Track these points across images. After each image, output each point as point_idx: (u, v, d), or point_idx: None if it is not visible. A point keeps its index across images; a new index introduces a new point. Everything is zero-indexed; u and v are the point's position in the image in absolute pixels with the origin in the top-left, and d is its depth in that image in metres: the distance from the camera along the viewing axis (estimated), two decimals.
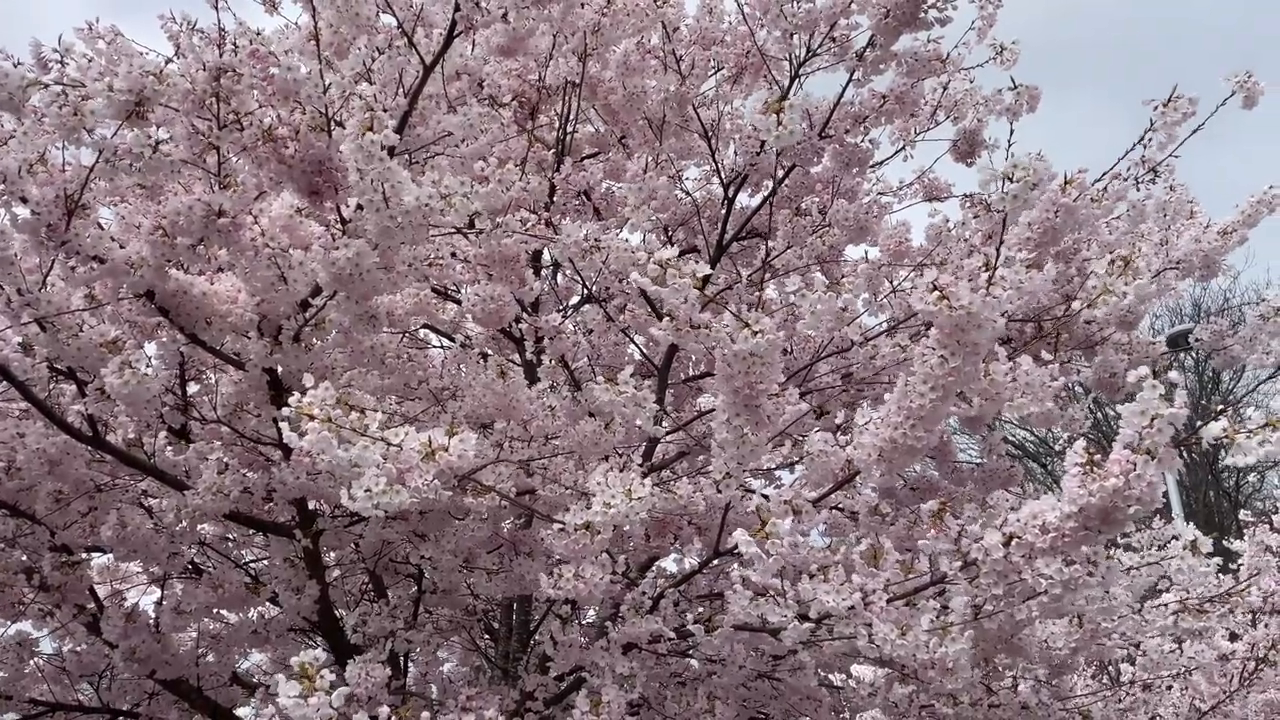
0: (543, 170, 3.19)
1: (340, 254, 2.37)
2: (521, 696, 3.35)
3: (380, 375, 2.96)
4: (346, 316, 2.49)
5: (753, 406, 2.52)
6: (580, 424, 2.99)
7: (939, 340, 2.36)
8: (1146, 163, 3.13)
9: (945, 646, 2.49)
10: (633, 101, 3.10)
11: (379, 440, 2.20)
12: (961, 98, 3.63)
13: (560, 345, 3.07)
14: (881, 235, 3.80)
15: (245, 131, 2.45)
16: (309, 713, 1.99)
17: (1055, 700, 3.63)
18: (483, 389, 2.79)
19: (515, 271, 2.85)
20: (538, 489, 2.99)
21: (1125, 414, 2.12)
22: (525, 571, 3.23)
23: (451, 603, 3.79)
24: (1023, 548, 2.31)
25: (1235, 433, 2.07)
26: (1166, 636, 3.48)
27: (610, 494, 2.42)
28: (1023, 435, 16.47)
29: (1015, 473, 3.76)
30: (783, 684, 3.44)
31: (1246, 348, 3.43)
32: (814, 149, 3.32)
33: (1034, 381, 2.61)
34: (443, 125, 2.52)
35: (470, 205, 2.30)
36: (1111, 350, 3.48)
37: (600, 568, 2.68)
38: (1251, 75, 3.15)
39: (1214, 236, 3.38)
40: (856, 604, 2.56)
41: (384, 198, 2.29)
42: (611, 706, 2.81)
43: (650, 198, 2.95)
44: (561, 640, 3.02)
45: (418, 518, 3.14)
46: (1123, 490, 2.10)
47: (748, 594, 2.65)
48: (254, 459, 3.13)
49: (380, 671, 2.90)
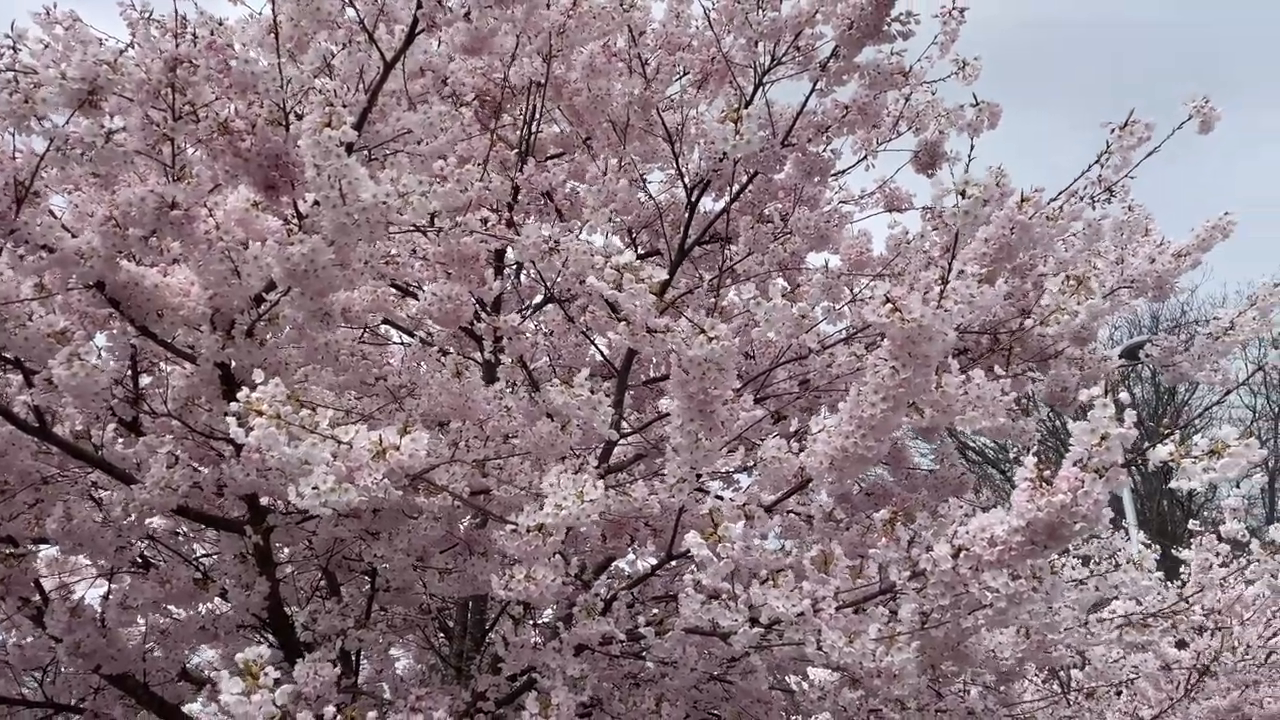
0: (505, 170, 3.18)
1: (295, 250, 2.35)
2: (473, 697, 3.34)
3: (334, 372, 2.94)
4: (300, 312, 2.48)
5: (707, 412, 2.54)
6: (537, 425, 2.99)
7: (891, 351, 2.39)
8: (1103, 182, 3.18)
9: (891, 655, 2.52)
10: (597, 103, 3.10)
11: (328, 438, 2.19)
12: (923, 109, 3.67)
13: (519, 345, 3.07)
14: (843, 244, 3.84)
15: (201, 123, 2.42)
16: (251, 710, 1.98)
17: (1001, 706, 3.69)
18: (438, 388, 2.78)
19: (475, 271, 2.85)
20: (493, 489, 2.98)
21: (1075, 432, 2.16)
22: (479, 571, 3.23)
23: (405, 601, 3.77)
24: (971, 560, 2.35)
25: (1181, 456, 2.11)
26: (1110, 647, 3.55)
27: (562, 496, 2.42)
28: (982, 442, 16.67)
29: (967, 480, 3.81)
30: (734, 687, 3.47)
31: (1195, 365, 3.50)
32: (776, 157, 3.34)
33: (986, 395, 2.64)
34: (403, 123, 2.51)
35: (429, 204, 2.29)
36: (1065, 364, 3.54)
37: (552, 569, 2.68)
38: (1208, 101, 3.21)
39: (1168, 259, 3.44)
40: (806, 610, 2.58)
41: (341, 194, 2.27)
42: (561, 708, 2.81)
43: (610, 200, 2.96)
44: (513, 641, 3.02)
45: (371, 516, 3.11)
46: (1070, 507, 2.13)
47: (700, 597, 2.67)
48: (205, 454, 3.10)
49: (329, 670, 2.88)
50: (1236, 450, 2.09)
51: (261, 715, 1.98)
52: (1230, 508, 7.40)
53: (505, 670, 3.18)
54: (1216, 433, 2.19)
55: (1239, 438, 2.13)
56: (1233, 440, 2.11)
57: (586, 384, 2.54)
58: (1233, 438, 2.12)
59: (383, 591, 3.66)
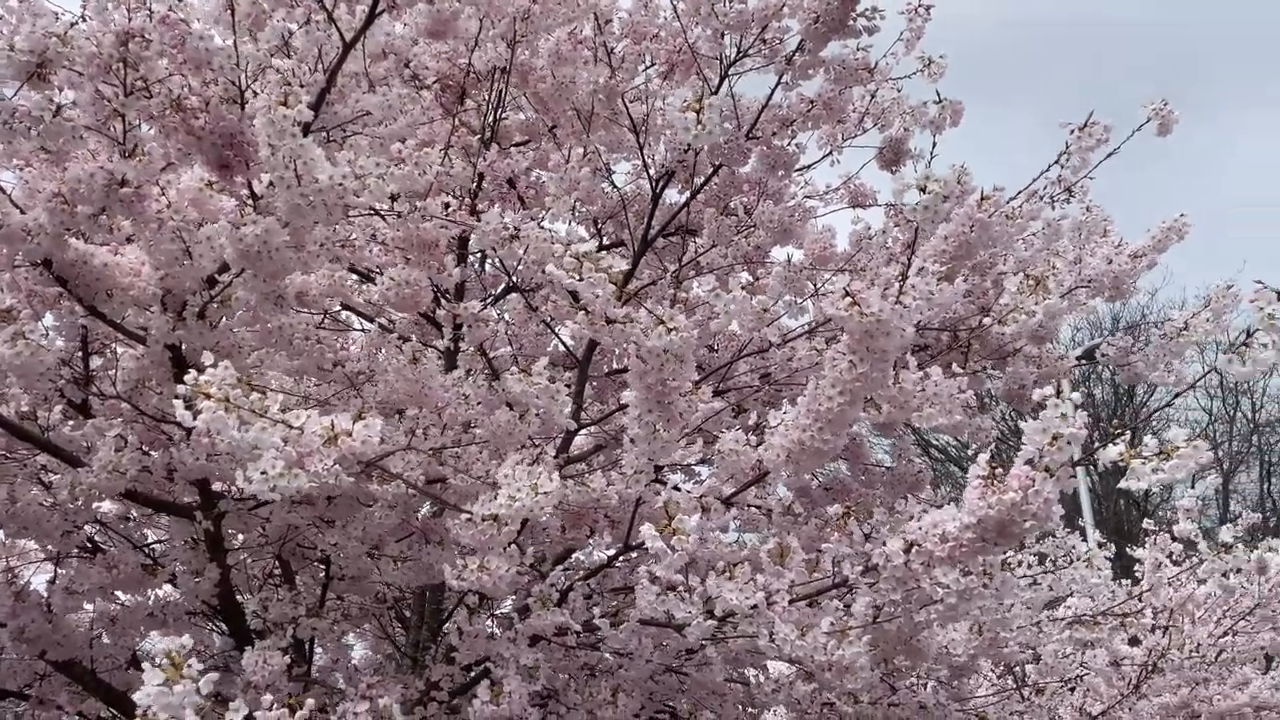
0: (468, 156, 3.15)
1: (249, 231, 2.31)
2: (426, 686, 3.32)
3: (289, 356, 2.90)
4: (253, 295, 2.43)
5: (665, 403, 2.53)
6: (496, 414, 2.97)
7: (849, 346, 2.39)
8: (1062, 182, 3.20)
9: (843, 649, 2.53)
10: (562, 91, 3.08)
11: (279, 422, 2.16)
12: (889, 106, 3.68)
13: (479, 333, 3.04)
14: (806, 239, 3.84)
15: (153, 100, 2.37)
16: (174, 701, 1.94)
17: (954, 701, 3.72)
18: (395, 374, 2.75)
19: (434, 257, 2.81)
20: (449, 478, 2.96)
21: (1028, 431, 2.17)
22: (434, 560, 3.20)
23: (360, 590, 3.73)
24: (922, 555, 2.36)
25: (1132, 457, 2.13)
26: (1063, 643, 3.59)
27: (517, 487, 2.40)
28: (945, 440, 16.84)
29: (925, 477, 3.84)
30: (689, 679, 3.47)
31: (1149, 365, 3.54)
32: (741, 149, 3.34)
33: (943, 392, 2.66)
34: (362, 104, 2.48)
35: (386, 186, 2.26)
36: (1022, 362, 3.56)
37: (507, 559, 2.66)
38: (1167, 104, 3.24)
39: (1125, 259, 3.47)
40: (760, 603, 2.58)
41: (296, 175, 2.23)
42: (513, 697, 2.79)
43: (573, 188, 2.94)
44: (468, 630, 3.00)
45: (325, 503, 3.08)
46: (1020, 505, 2.15)
47: (655, 589, 2.66)
48: (156, 437, 3.04)
49: (279, 658, 2.84)
50: (1185, 452, 2.12)
51: (184, 706, 1.95)
52: (1184, 508, 7.53)
53: (459, 660, 3.16)
54: (1167, 434, 2.22)
55: (1189, 440, 2.15)
56: (1182, 442, 2.14)
57: (545, 373, 2.52)
58: (1182, 439, 2.15)
59: (337, 580, 3.62)
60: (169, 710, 1.93)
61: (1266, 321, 1.94)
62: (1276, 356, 1.98)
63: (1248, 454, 18.75)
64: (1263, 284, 1.94)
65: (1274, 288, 1.93)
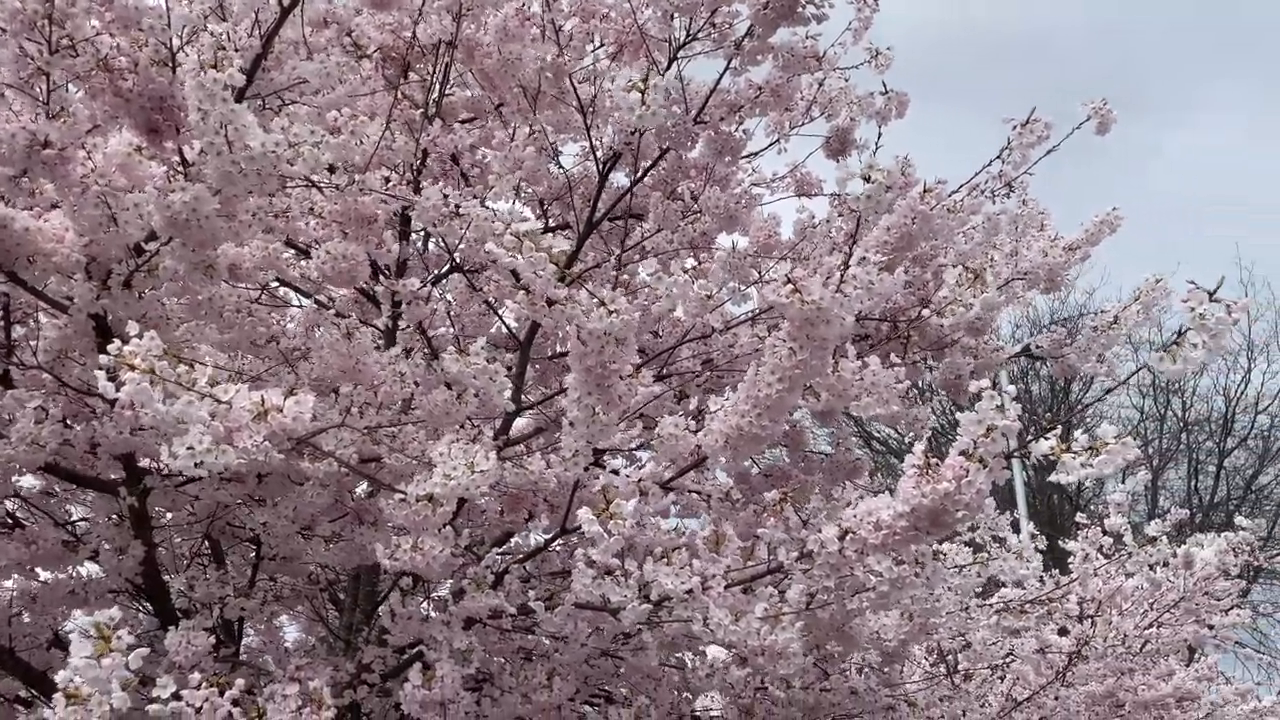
0: (411, 130, 3.09)
1: (177, 197, 2.24)
2: (358, 668, 3.27)
3: (219, 329, 2.82)
4: (181, 264, 2.36)
5: (605, 386, 2.51)
6: (433, 393, 2.92)
7: (789, 333, 2.40)
8: (1003, 178, 3.25)
9: (776, 634, 2.54)
10: (508, 68, 3.03)
11: (206, 396, 2.10)
12: (836, 96, 3.69)
13: (418, 311, 2.99)
14: (752, 226, 3.84)
15: (79, 59, 2.28)
16: (102, 675, 1.89)
17: (884, 687, 3.78)
18: (329, 350, 2.70)
19: (372, 232, 2.76)
20: (384, 457, 2.91)
21: (964, 422, 2.20)
22: (368, 541, 3.15)
23: (292, 571, 3.67)
24: (856, 543, 2.38)
25: (1062, 451, 2.17)
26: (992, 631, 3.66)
27: (451, 465, 2.37)
28: (886, 432, 17.08)
29: (862, 464, 3.88)
30: (625, 662, 3.47)
31: (1081, 357, 3.61)
32: (688, 133, 3.32)
33: (880, 383, 2.68)
34: (299, 72, 2.41)
35: (321, 156, 2.20)
36: (959, 353, 3.61)
37: (442, 540, 2.63)
38: (1106, 102, 3.30)
39: (1060, 252, 3.54)
40: (695, 588, 2.59)
41: (227, 141, 2.17)
42: (445, 680, 2.76)
43: (517, 167, 2.90)
44: (400, 612, 2.96)
45: (256, 481, 3.01)
46: (953, 495, 2.18)
47: (591, 573, 2.65)
48: (79, 410, 2.95)
49: (203, 638, 2.78)
50: (1114, 448, 2.16)
51: (113, 680, 1.89)
52: (1114, 503, 7.73)
53: (392, 642, 3.12)
54: (1097, 430, 2.27)
55: (1118, 437, 2.20)
56: (1110, 438, 2.18)
57: (483, 353, 2.48)
58: (1111, 436, 2.19)
59: (268, 560, 3.55)
60: (95, 685, 1.88)
61: (1197, 321, 1.98)
62: (1207, 356, 2.02)
63: (1177, 451, 19.31)
64: (1194, 284, 1.98)
65: (1205, 288, 1.97)
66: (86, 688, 1.89)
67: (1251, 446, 19.18)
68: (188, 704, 2.26)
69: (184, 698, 2.26)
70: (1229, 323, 1.93)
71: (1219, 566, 8.30)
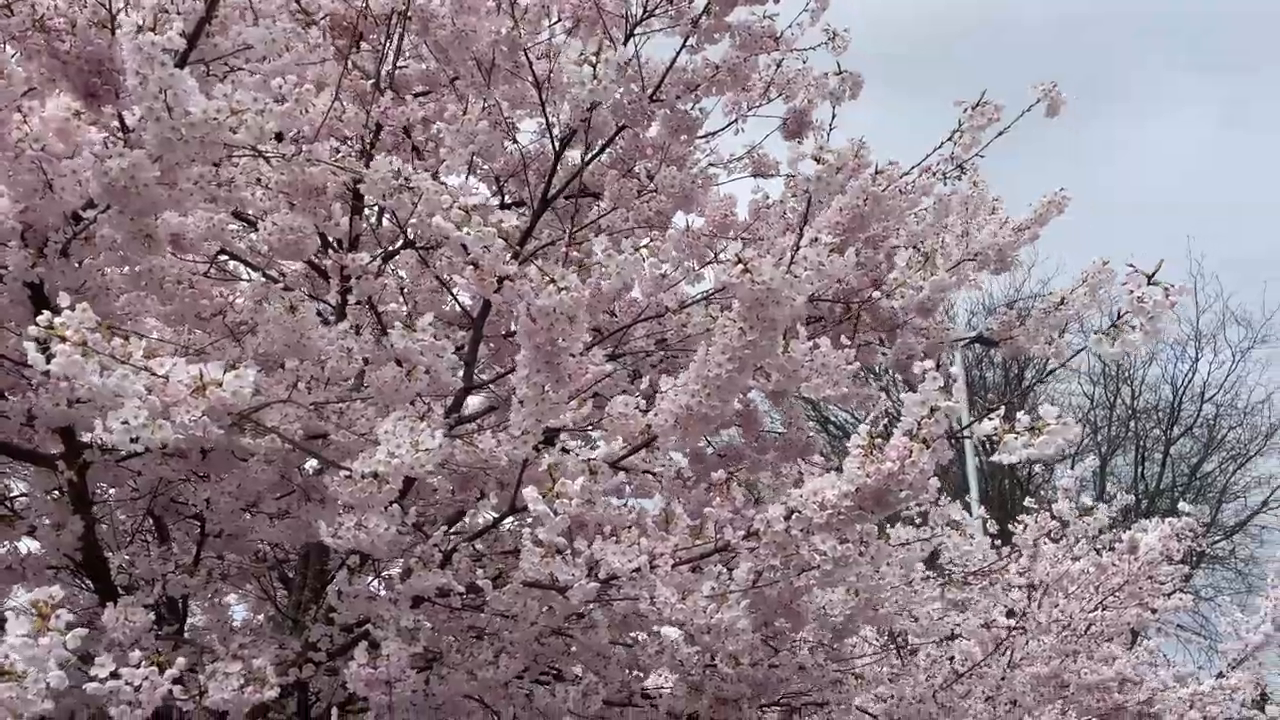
0: (362, 101, 3.04)
1: (114, 164, 2.17)
2: (304, 647, 3.24)
3: (160, 301, 2.76)
4: (120, 232, 2.30)
5: (554, 363, 2.50)
6: (382, 370, 2.88)
7: (739, 313, 2.40)
8: (955, 160, 3.27)
9: (723, 612, 2.56)
10: (461, 40, 2.98)
11: (143, 369, 2.05)
12: (794, 77, 3.69)
13: (367, 286, 2.95)
14: (708, 206, 3.84)
15: (14, 18, 2.21)
16: (39, 653, 1.85)
17: (833, 662, 3.82)
18: (273, 324, 2.65)
19: (320, 204, 2.71)
20: (331, 434, 2.87)
21: (907, 403, 2.22)
22: (315, 519, 3.11)
23: (239, 548, 3.61)
24: (802, 522, 2.39)
25: (1005, 432, 2.20)
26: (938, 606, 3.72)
27: (396, 443, 2.34)
28: (843, 416, 17.24)
29: (814, 444, 3.90)
30: (575, 641, 3.47)
31: (1030, 339, 3.66)
32: (644, 111, 3.30)
33: (830, 364, 2.69)
34: (244, 37, 2.35)
35: (264, 124, 2.15)
36: (910, 334, 3.64)
37: (387, 518, 2.60)
38: (1055, 85, 3.33)
39: (1009, 232, 3.58)
40: (642, 566, 2.59)
41: (166, 107, 2.11)
42: (391, 658, 2.75)
43: (469, 141, 2.86)
44: (347, 591, 2.93)
45: (199, 457, 2.96)
46: (897, 475, 2.20)
47: (539, 551, 2.64)
48: (15, 381, 2.87)
49: (143, 615, 2.73)
50: (1054, 429, 2.20)
51: (50, 659, 1.86)
52: (1062, 487, 7.87)
53: (338, 621, 3.09)
54: (1039, 410, 2.30)
55: (1058, 418, 2.23)
56: (1052, 419, 2.21)
57: (430, 328, 2.45)
58: (1052, 416, 2.22)
59: (213, 538, 3.49)
60: (33, 663, 1.84)
61: (1136, 304, 2.01)
62: (1145, 340, 2.05)
63: (1125, 439, 19.72)
64: (1134, 268, 2.00)
65: (1144, 271, 2.00)
66: (22, 665, 1.85)
67: (1197, 435, 19.66)
68: (126, 682, 2.23)
69: (122, 676, 2.23)
70: (1166, 306, 1.96)
71: (1162, 551, 8.50)
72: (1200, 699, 8.32)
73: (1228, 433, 19.55)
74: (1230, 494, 19.45)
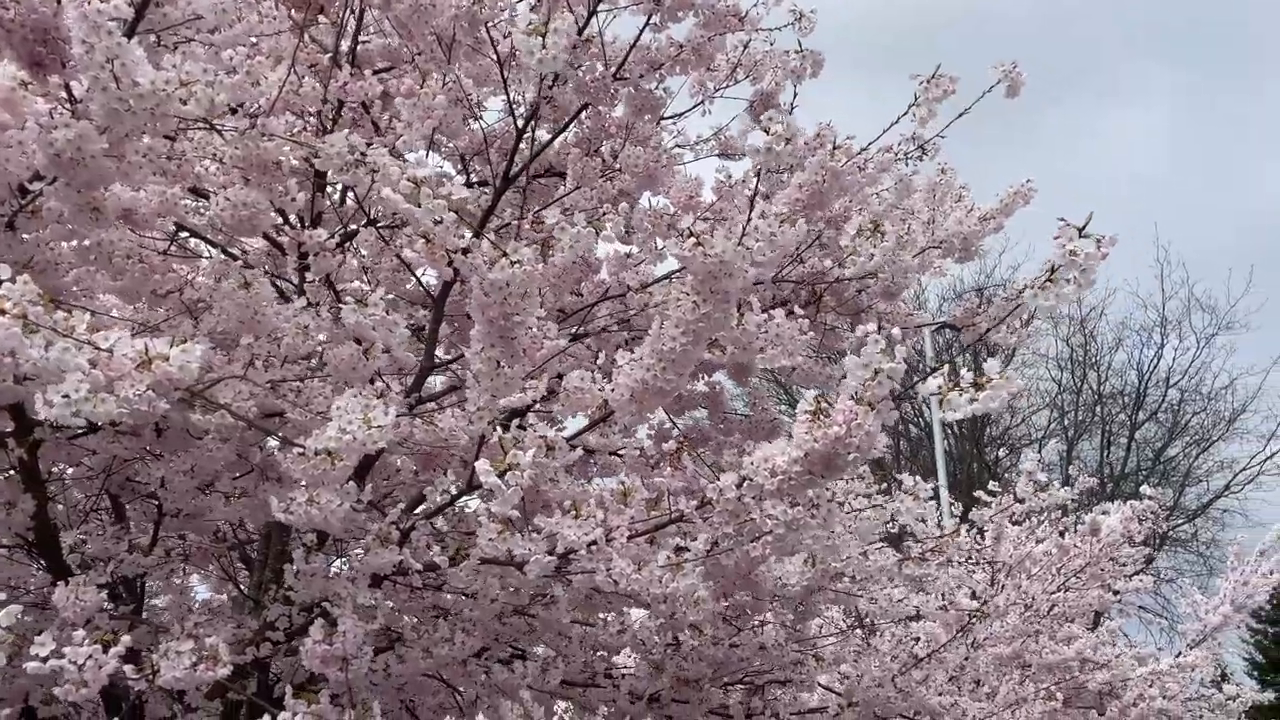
0: (319, 75, 3.00)
1: (60, 135, 2.14)
2: (261, 626, 3.22)
3: (110, 276, 2.73)
4: (66, 205, 2.27)
5: (508, 338, 2.49)
6: (339, 348, 2.87)
7: (692, 286, 2.40)
8: (916, 139, 3.29)
9: (678, 581, 2.57)
10: (420, 14, 2.96)
11: (86, 343, 2.03)
12: (761, 59, 3.69)
13: (324, 264, 2.92)
14: (673, 187, 3.84)
15: None
16: None
17: (794, 642, 3.85)
18: (227, 300, 2.62)
19: (275, 179, 2.68)
20: (287, 412, 2.85)
21: (850, 366, 2.24)
22: (273, 497, 3.09)
23: (197, 528, 3.58)
24: (754, 489, 2.41)
25: (949, 390, 2.22)
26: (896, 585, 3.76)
27: (348, 420, 2.33)
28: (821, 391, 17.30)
29: (780, 425, 3.92)
30: (537, 619, 3.47)
31: (992, 326, 3.69)
32: (607, 89, 3.29)
33: (784, 335, 2.70)
34: (194, 6, 2.32)
35: (214, 96, 2.13)
36: (874, 319, 3.66)
37: (341, 495, 2.59)
38: (1016, 65, 3.35)
39: (974, 221, 3.61)
40: (598, 539, 2.60)
41: (114, 77, 2.08)
42: (347, 635, 2.74)
43: (427, 116, 2.84)
44: (304, 570, 2.92)
45: (154, 435, 2.93)
46: (844, 439, 2.22)
47: (495, 527, 2.65)
48: None
49: (93, 594, 2.70)
50: (997, 384, 2.22)
51: None
52: (1025, 470, 7.96)
53: (296, 599, 3.08)
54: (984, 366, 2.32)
55: (1001, 373, 2.25)
56: (994, 374, 2.24)
57: (382, 303, 2.44)
58: (995, 371, 2.25)
59: (171, 517, 3.46)
60: None
61: (1068, 257, 2.03)
62: (1077, 292, 2.08)
63: (1091, 424, 19.98)
64: (1064, 220, 2.03)
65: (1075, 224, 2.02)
66: None
67: (1161, 420, 19.95)
68: (70, 661, 2.21)
69: (66, 655, 2.21)
70: (1098, 258, 1.99)
71: (1123, 534, 8.62)
72: (1159, 678, 8.45)
73: (1191, 418, 19.87)
74: (1193, 478, 19.78)
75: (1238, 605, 9.31)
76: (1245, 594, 9.23)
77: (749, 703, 4.02)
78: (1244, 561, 9.36)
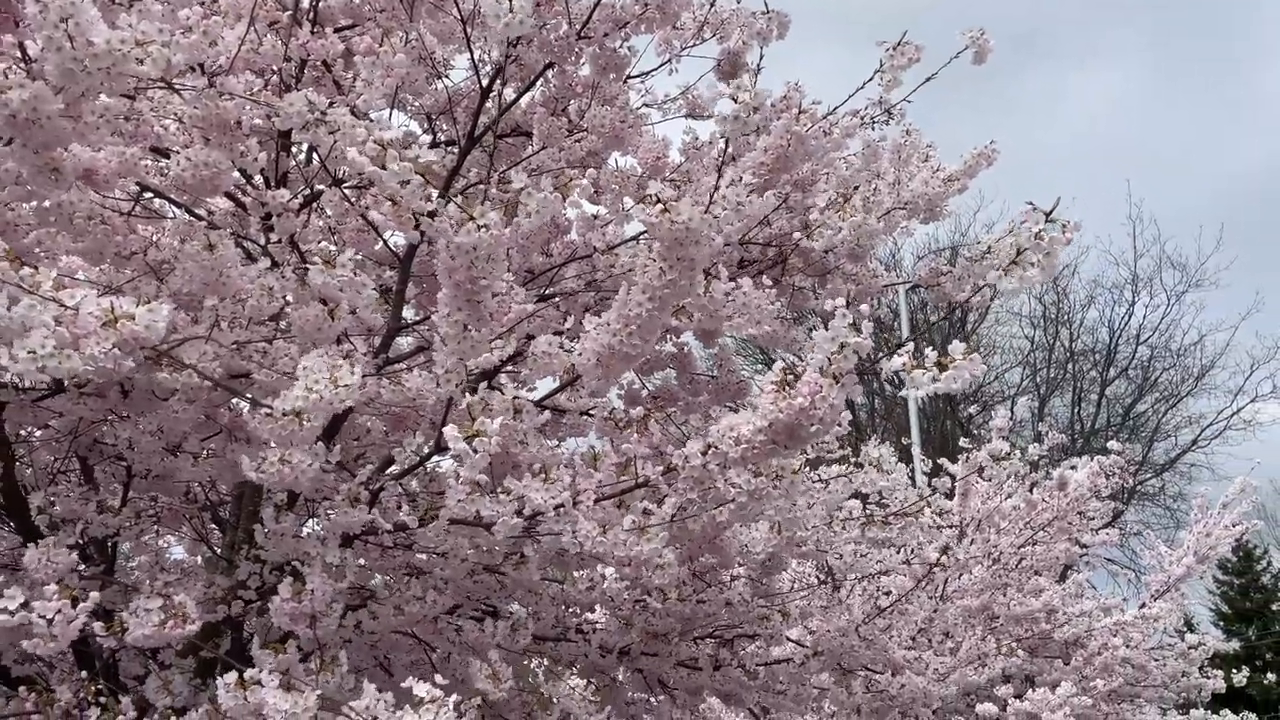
0: (280, 33, 2.96)
1: (14, 95, 2.11)
2: (233, 585, 3.25)
3: (72, 237, 2.71)
4: (23, 166, 2.25)
5: (474, 301, 2.50)
6: (304, 309, 2.86)
7: (659, 253, 2.42)
8: (883, 104, 3.30)
9: (643, 544, 2.62)
10: None
11: (51, 300, 2.03)
12: (728, 18, 3.67)
13: (288, 224, 2.91)
14: (640, 147, 3.82)
15: None
16: None
17: (761, 598, 3.93)
18: (191, 261, 2.61)
19: (235, 138, 2.66)
20: (254, 373, 2.85)
21: (818, 340, 2.27)
22: (241, 457, 3.10)
23: (166, 489, 3.59)
24: (718, 457, 2.45)
25: (913, 367, 2.26)
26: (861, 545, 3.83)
27: (314, 379, 2.34)
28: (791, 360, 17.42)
29: (745, 386, 3.96)
30: (507, 577, 3.52)
31: (956, 286, 3.72)
32: (570, 48, 3.27)
33: (751, 303, 2.73)
34: None
35: (171, 56, 2.10)
36: (840, 279, 3.69)
37: (311, 455, 2.60)
38: (984, 32, 3.35)
39: (939, 183, 3.63)
40: (565, 502, 2.64)
41: (68, 36, 2.05)
42: (315, 593, 2.77)
43: (388, 74, 2.81)
44: (274, 529, 2.94)
45: (120, 395, 2.92)
46: (808, 410, 2.26)
47: (464, 489, 2.68)
48: None
49: (65, 555, 2.71)
50: (961, 364, 2.26)
51: None
52: (997, 428, 8.07)
53: (266, 559, 3.10)
54: (950, 347, 2.36)
55: (966, 354, 2.30)
56: (959, 355, 2.28)
57: (349, 263, 2.44)
58: (959, 352, 2.29)
59: (140, 478, 3.47)
60: None
61: (1033, 241, 2.06)
62: (1042, 275, 2.11)
63: (1062, 380, 20.24)
64: (1032, 204, 2.05)
65: (1042, 208, 2.05)
66: None
67: (1131, 376, 20.24)
68: (39, 615, 2.23)
69: (34, 609, 2.23)
70: (1063, 242, 2.02)
71: (1091, 488, 8.79)
72: (1123, 628, 8.66)
73: (1161, 374, 20.18)
74: (1162, 433, 20.13)
75: (1200, 556, 9.54)
76: (1208, 545, 9.46)
77: (717, 655, 4.11)
78: (1207, 514, 9.58)
